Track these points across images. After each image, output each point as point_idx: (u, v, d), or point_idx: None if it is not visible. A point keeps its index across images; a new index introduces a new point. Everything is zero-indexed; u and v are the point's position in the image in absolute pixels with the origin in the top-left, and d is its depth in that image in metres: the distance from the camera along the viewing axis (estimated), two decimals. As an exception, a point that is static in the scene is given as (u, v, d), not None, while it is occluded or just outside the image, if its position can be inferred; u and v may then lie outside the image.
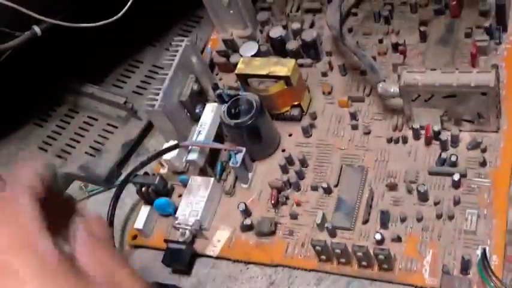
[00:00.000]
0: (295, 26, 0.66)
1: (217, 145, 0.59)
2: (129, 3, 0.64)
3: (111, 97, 0.70)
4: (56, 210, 0.36)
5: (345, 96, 0.60)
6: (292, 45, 0.64)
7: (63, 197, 0.41)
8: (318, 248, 0.50)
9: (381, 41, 0.63)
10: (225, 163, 0.60)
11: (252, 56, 0.64)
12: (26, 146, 0.73)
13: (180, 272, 0.56)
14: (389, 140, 0.56)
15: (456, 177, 0.50)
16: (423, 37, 0.61)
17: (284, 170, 0.58)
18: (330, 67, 0.64)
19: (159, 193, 0.59)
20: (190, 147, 0.58)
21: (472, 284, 0.46)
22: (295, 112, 0.61)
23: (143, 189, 0.58)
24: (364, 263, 0.49)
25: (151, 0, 0.77)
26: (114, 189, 0.64)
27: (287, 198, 0.56)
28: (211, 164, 0.60)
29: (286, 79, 0.58)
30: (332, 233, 0.52)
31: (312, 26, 0.69)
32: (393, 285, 0.49)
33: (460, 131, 0.54)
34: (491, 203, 0.50)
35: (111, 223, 0.57)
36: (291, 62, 0.58)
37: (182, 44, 0.63)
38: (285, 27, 0.66)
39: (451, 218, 0.50)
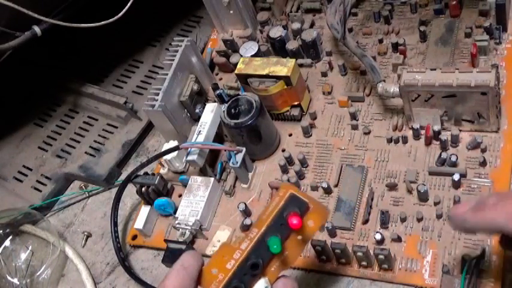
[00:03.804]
0: (295, 26, 0.66)
1: (217, 146, 0.59)
2: (129, 4, 0.64)
3: (111, 97, 0.70)
4: None
5: (345, 96, 0.60)
6: (292, 45, 0.64)
7: None
8: (318, 248, 0.50)
9: (381, 41, 0.64)
10: (225, 163, 0.60)
11: (252, 56, 0.64)
12: (26, 146, 0.73)
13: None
14: (389, 140, 0.56)
15: (456, 177, 0.50)
16: (423, 37, 0.61)
17: (284, 170, 0.58)
18: (330, 67, 0.64)
19: (159, 193, 0.59)
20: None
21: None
22: (295, 112, 0.61)
23: (143, 189, 0.58)
24: (364, 263, 0.49)
25: (151, 0, 0.78)
26: (114, 189, 0.64)
27: (287, 198, 0.56)
28: (211, 164, 0.60)
29: (286, 79, 0.58)
30: (332, 233, 0.52)
31: (312, 26, 0.69)
32: (393, 285, 0.49)
33: (460, 131, 0.54)
34: (491, 203, 0.50)
35: (115, 223, 0.57)
36: (291, 62, 0.58)
37: (182, 44, 0.63)
38: (285, 27, 0.66)
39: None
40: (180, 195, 0.60)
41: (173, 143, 0.60)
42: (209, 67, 0.68)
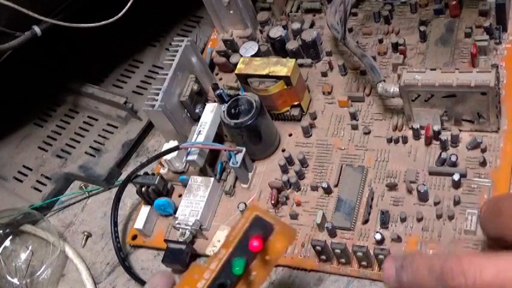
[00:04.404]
0: (295, 26, 0.66)
1: (217, 146, 0.59)
2: (129, 3, 0.64)
3: (111, 97, 0.70)
4: None
5: (345, 96, 0.60)
6: (292, 45, 0.64)
7: None
8: (318, 248, 0.50)
9: (381, 41, 0.64)
10: (225, 163, 0.60)
11: (252, 56, 0.64)
12: (26, 146, 0.73)
13: (180, 272, 0.56)
14: (389, 140, 0.56)
15: (456, 177, 0.50)
16: (423, 37, 0.61)
17: (284, 170, 0.58)
18: (330, 67, 0.64)
19: (159, 193, 0.59)
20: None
21: (472, 284, 0.46)
22: (295, 112, 0.61)
23: (143, 189, 0.58)
24: (364, 263, 0.49)
25: (151, 0, 0.78)
26: (114, 189, 0.64)
27: (287, 198, 0.56)
28: (211, 164, 0.60)
29: (286, 79, 0.58)
30: (332, 233, 0.52)
31: (312, 26, 0.69)
32: (393, 285, 0.49)
33: (460, 131, 0.54)
34: (491, 203, 0.50)
35: (115, 223, 0.57)
36: (291, 62, 0.58)
37: (182, 44, 0.63)
38: (285, 27, 0.66)
39: (451, 218, 0.50)
40: (180, 195, 0.60)
41: (173, 143, 0.60)
42: (209, 67, 0.68)
